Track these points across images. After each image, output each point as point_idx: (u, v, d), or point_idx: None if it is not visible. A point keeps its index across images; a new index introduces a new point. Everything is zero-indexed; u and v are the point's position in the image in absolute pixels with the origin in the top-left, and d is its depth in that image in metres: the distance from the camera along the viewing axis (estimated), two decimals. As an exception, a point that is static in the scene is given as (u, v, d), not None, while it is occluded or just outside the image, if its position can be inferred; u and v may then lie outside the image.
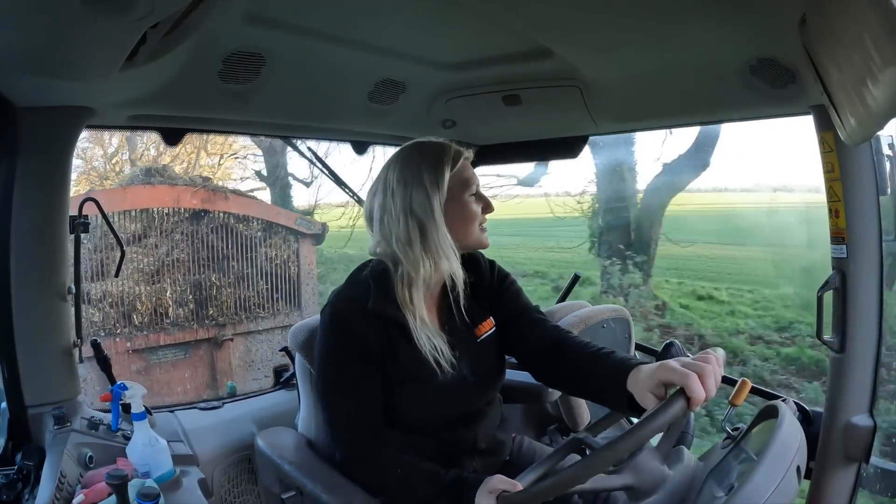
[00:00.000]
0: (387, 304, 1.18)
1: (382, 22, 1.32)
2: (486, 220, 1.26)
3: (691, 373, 0.90)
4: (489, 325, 1.30)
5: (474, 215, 1.23)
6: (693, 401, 0.89)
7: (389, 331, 1.18)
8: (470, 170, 1.25)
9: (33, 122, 1.24)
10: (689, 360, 0.96)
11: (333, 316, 1.20)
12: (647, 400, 0.97)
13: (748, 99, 1.40)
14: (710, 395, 0.91)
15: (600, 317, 1.84)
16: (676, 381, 0.91)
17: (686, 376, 0.90)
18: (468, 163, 1.26)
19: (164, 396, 6.43)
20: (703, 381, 0.90)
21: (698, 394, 0.89)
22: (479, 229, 1.24)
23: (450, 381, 1.20)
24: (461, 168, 1.23)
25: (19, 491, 1.16)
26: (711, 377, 0.91)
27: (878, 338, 1.32)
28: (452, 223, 1.20)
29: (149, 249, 6.93)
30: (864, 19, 0.72)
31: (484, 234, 1.26)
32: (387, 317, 1.18)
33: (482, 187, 1.28)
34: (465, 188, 1.22)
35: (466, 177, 1.23)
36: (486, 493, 1.02)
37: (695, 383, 0.89)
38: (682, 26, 1.25)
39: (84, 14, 0.84)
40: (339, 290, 1.25)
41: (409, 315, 1.18)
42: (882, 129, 1.14)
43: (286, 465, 1.31)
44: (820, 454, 1.37)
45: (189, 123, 1.62)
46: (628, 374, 1.02)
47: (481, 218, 1.24)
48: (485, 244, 1.27)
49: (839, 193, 1.30)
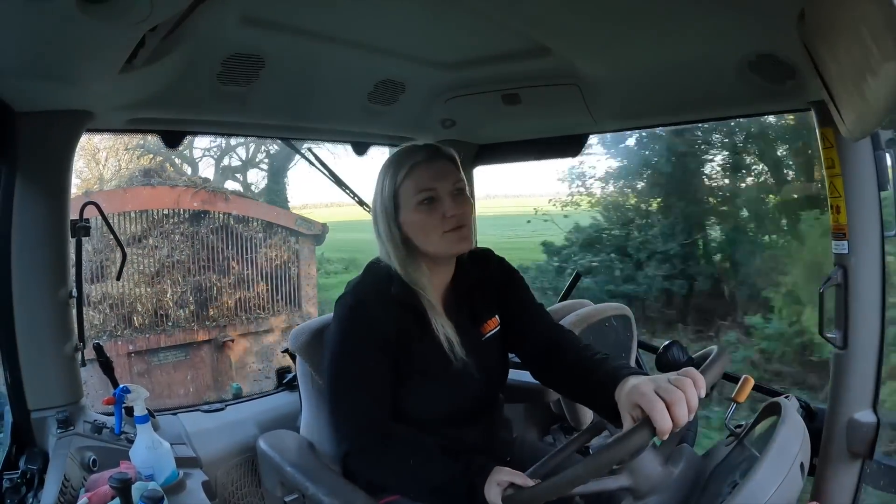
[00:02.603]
0: (411, 293, 1.19)
1: (381, 22, 1.32)
2: (456, 225, 1.17)
3: (659, 401, 0.87)
4: (494, 324, 1.30)
5: (427, 224, 1.17)
6: (658, 431, 0.86)
7: (408, 319, 1.19)
8: (422, 175, 1.17)
9: (33, 127, 1.24)
10: (667, 381, 0.91)
11: (355, 306, 1.18)
12: (624, 418, 0.95)
13: (747, 95, 1.40)
14: (680, 424, 0.86)
15: (602, 315, 1.83)
16: (644, 408, 0.88)
17: (653, 406, 0.86)
18: (425, 167, 1.18)
19: (166, 399, 6.44)
20: (670, 409, 0.86)
21: (662, 425, 0.85)
22: (441, 237, 1.17)
23: (456, 376, 1.21)
24: (410, 177, 1.17)
25: (23, 495, 1.16)
26: (682, 405, 0.86)
27: (880, 333, 1.32)
28: (412, 233, 1.18)
29: (149, 251, 6.94)
30: (862, 14, 0.72)
31: (451, 241, 1.17)
32: (408, 304, 1.19)
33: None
34: (412, 197, 1.17)
35: (415, 185, 1.17)
36: (493, 484, 1.02)
37: (660, 414, 0.85)
38: (681, 23, 1.25)
39: (82, 18, 0.84)
40: (359, 281, 1.24)
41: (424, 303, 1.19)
42: (882, 124, 1.14)
43: (288, 468, 1.31)
44: (823, 450, 1.37)
45: (188, 126, 1.62)
46: (615, 386, 1.00)
47: (443, 225, 1.16)
48: (453, 251, 1.20)
49: (840, 189, 1.30)
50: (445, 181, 1.18)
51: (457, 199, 1.18)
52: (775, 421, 0.95)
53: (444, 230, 1.17)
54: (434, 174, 1.18)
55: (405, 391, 1.20)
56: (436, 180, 1.17)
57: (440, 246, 1.18)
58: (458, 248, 1.20)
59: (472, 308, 1.29)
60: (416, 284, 1.19)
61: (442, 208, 1.17)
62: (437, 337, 1.19)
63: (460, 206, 1.18)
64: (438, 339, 1.19)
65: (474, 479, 1.05)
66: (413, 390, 1.20)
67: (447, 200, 1.17)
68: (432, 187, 1.17)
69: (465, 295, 1.29)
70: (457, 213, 1.16)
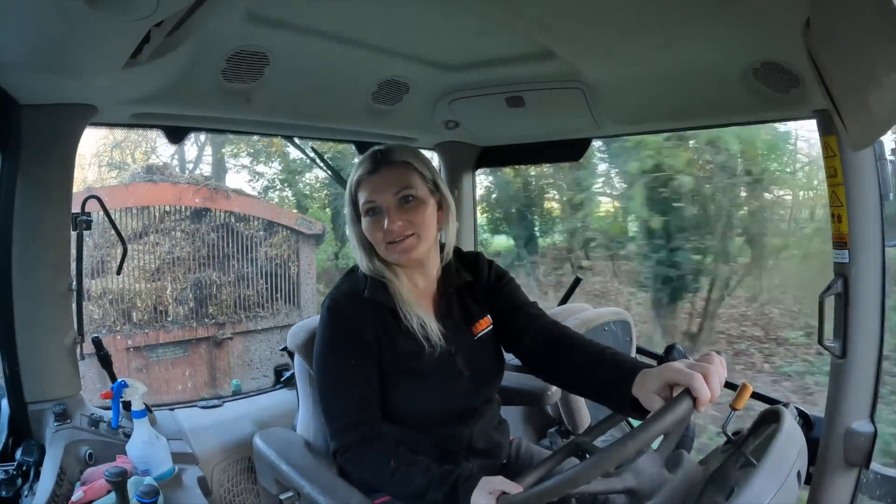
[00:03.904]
0: (383, 293, 1.21)
1: (387, 22, 1.32)
2: (396, 238, 1.16)
3: (696, 373, 0.90)
4: (486, 323, 1.30)
5: (371, 235, 1.19)
6: (699, 401, 0.89)
7: (385, 319, 1.21)
8: (367, 187, 1.18)
9: (37, 120, 1.25)
10: (693, 361, 0.96)
11: (332, 307, 1.21)
12: (653, 403, 0.97)
13: (751, 102, 1.40)
14: (716, 396, 0.91)
15: (602, 319, 1.83)
16: (682, 382, 0.91)
17: (692, 377, 0.90)
18: (370, 178, 1.18)
19: (163, 394, 6.44)
20: (707, 381, 0.90)
21: (704, 393, 0.89)
22: (385, 247, 1.18)
23: (444, 374, 1.21)
24: (360, 188, 1.20)
25: (19, 487, 1.16)
26: (716, 377, 0.91)
27: (879, 343, 1.31)
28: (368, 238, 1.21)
29: (149, 247, 6.94)
30: (868, 24, 0.72)
31: (393, 252, 1.18)
32: (382, 304, 1.20)
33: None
34: (361, 206, 1.20)
35: (363, 195, 1.19)
36: (485, 493, 1.01)
37: (700, 383, 0.89)
38: (686, 29, 1.25)
39: (88, 12, 0.84)
40: (338, 284, 1.28)
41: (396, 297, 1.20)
42: (885, 134, 1.14)
43: (284, 467, 1.31)
44: (820, 459, 1.37)
45: (192, 122, 1.62)
46: (634, 377, 1.01)
47: (386, 236, 1.16)
48: (398, 262, 1.20)
49: (842, 198, 1.29)
50: (386, 192, 1.17)
51: (402, 208, 1.17)
52: (773, 429, 0.95)
53: (387, 241, 1.17)
54: (375, 186, 1.18)
55: (392, 390, 1.20)
56: (376, 192, 1.18)
57: (386, 255, 1.20)
58: (402, 259, 1.19)
59: (463, 309, 1.29)
60: (383, 277, 1.21)
61: (383, 220, 1.17)
62: (412, 326, 1.19)
63: (403, 215, 1.17)
64: (413, 330, 1.19)
65: (457, 487, 1.05)
66: (400, 389, 1.20)
67: (390, 211, 1.17)
68: (372, 200, 1.18)
69: (454, 297, 1.29)
70: (394, 228, 1.16)
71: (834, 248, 1.33)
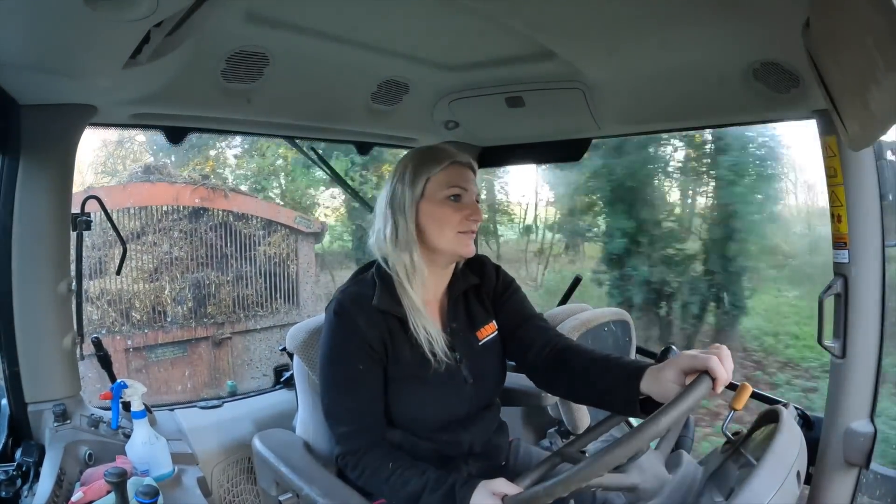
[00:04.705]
0: (391, 300, 1.20)
1: (386, 23, 1.32)
2: (472, 229, 1.22)
3: (712, 356, 0.94)
4: (491, 329, 1.30)
5: (447, 218, 1.20)
6: (718, 381, 0.92)
7: (392, 327, 1.20)
8: (457, 174, 1.22)
9: (37, 120, 1.24)
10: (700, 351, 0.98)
11: (339, 312, 1.20)
12: (669, 394, 0.98)
13: (751, 103, 1.40)
14: (729, 378, 0.94)
15: (602, 319, 1.83)
16: (699, 365, 0.94)
17: (708, 359, 0.94)
18: (460, 168, 1.23)
19: (163, 395, 6.43)
20: (722, 362, 0.94)
21: (721, 373, 0.92)
22: (455, 235, 1.20)
23: (449, 381, 1.21)
24: (446, 171, 1.21)
25: (18, 487, 1.15)
26: (728, 360, 0.95)
27: (879, 343, 1.32)
28: (427, 224, 1.21)
29: (148, 247, 6.92)
30: (867, 23, 0.72)
31: (463, 242, 1.21)
32: (389, 313, 1.20)
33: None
34: (442, 189, 1.21)
35: (448, 179, 1.21)
36: (488, 495, 1.01)
37: (716, 364, 0.93)
38: (686, 29, 1.25)
39: (88, 12, 0.84)
40: (345, 287, 1.26)
41: (406, 306, 1.20)
42: (885, 134, 1.14)
43: (283, 468, 1.31)
44: (820, 459, 1.37)
45: (192, 122, 1.62)
46: (642, 375, 1.04)
47: (460, 224, 1.20)
48: (463, 253, 1.22)
49: (842, 198, 1.30)
50: (473, 187, 1.24)
51: (477, 206, 1.24)
52: (773, 429, 0.95)
53: (460, 230, 1.20)
54: (468, 178, 1.24)
55: (396, 396, 1.20)
56: (468, 183, 1.23)
57: (450, 243, 1.21)
58: (464, 252, 1.22)
59: (469, 313, 1.29)
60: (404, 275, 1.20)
61: (469, 209, 1.21)
62: (419, 339, 1.19)
63: (479, 213, 1.23)
64: (420, 343, 1.19)
65: (454, 490, 1.05)
66: (404, 395, 1.20)
67: (474, 205, 1.23)
68: (464, 187, 1.22)
69: (460, 300, 1.30)
70: (478, 219, 1.22)
71: (834, 249, 1.33)
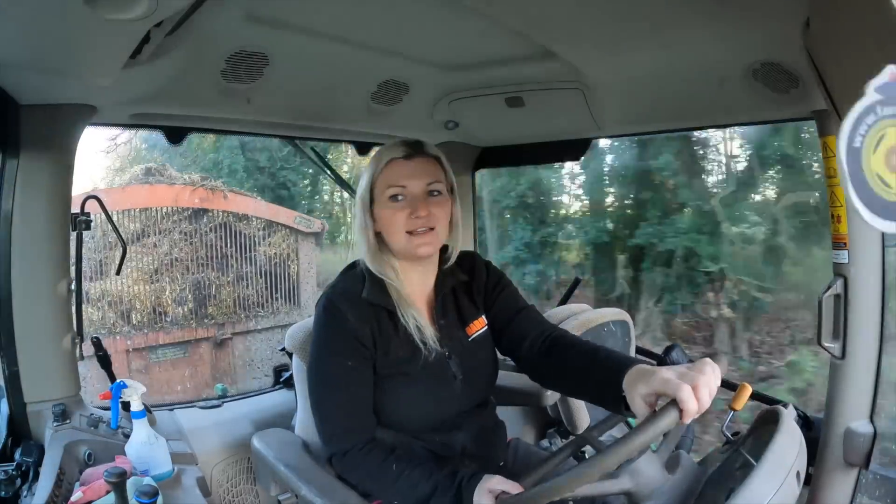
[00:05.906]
0: (380, 293, 1.19)
1: (386, 22, 1.32)
2: (418, 228, 1.15)
3: (685, 384, 0.86)
4: (481, 324, 1.29)
5: (391, 220, 1.16)
6: (685, 413, 0.85)
7: (381, 320, 1.19)
8: (395, 172, 1.16)
9: (37, 120, 1.25)
10: (685, 369, 0.91)
11: (328, 307, 1.19)
12: (637, 405, 0.94)
13: (751, 103, 1.40)
14: (704, 408, 0.87)
15: (602, 320, 1.83)
16: (669, 393, 0.87)
17: (679, 388, 0.86)
18: (400, 164, 1.17)
19: (164, 396, 6.43)
20: (696, 392, 0.86)
21: (690, 406, 0.85)
22: (404, 236, 1.16)
23: (437, 377, 1.20)
24: (385, 170, 1.17)
25: (18, 487, 1.15)
26: (706, 389, 0.87)
27: (879, 344, 1.31)
28: (381, 228, 1.19)
29: (148, 248, 6.93)
30: (867, 23, 0.72)
31: (413, 244, 1.16)
32: (379, 305, 1.19)
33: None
34: (384, 191, 1.17)
35: (387, 179, 1.17)
36: (485, 492, 1.01)
37: (687, 395, 0.85)
38: (686, 30, 1.25)
39: (88, 12, 0.84)
40: (334, 284, 1.25)
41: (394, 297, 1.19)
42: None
43: (282, 468, 1.31)
44: (819, 460, 1.37)
45: (192, 122, 1.62)
46: (624, 372, 0.98)
47: (406, 225, 1.15)
48: (414, 254, 1.17)
49: (841, 198, 1.30)
50: (419, 180, 1.16)
51: (427, 200, 1.16)
52: (772, 429, 0.95)
53: (407, 230, 1.16)
54: (408, 172, 1.16)
55: (385, 393, 1.18)
56: (408, 178, 1.16)
57: (403, 245, 1.17)
58: (419, 252, 1.17)
59: (458, 309, 1.28)
60: (383, 275, 1.19)
61: (410, 207, 1.15)
62: (408, 329, 1.18)
63: (430, 207, 1.16)
64: (410, 333, 1.18)
65: (461, 488, 1.04)
66: (393, 391, 1.18)
67: (418, 201, 1.16)
68: (402, 185, 1.16)
69: (449, 297, 1.28)
70: (422, 215, 1.15)
71: (833, 249, 1.33)
